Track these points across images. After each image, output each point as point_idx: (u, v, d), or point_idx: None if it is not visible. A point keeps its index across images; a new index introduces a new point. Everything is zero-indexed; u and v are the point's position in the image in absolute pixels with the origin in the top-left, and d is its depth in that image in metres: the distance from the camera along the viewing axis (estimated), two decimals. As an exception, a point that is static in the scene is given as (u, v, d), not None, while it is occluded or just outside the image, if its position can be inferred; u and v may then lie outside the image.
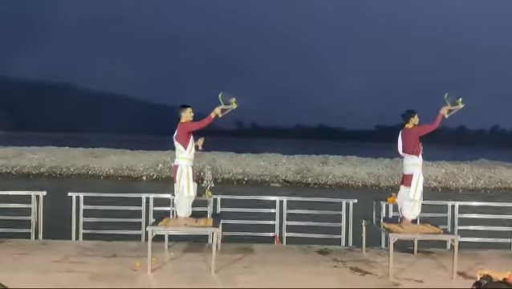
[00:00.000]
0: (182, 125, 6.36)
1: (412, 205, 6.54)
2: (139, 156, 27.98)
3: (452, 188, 25.67)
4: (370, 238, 7.43)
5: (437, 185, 25.74)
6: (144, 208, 8.06)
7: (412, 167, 6.55)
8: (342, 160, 28.90)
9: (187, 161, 6.37)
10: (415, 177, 6.49)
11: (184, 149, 6.35)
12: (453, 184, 25.98)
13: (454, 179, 26.37)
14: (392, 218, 7.57)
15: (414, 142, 6.51)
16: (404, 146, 6.58)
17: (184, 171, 6.31)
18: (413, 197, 6.47)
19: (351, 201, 8.32)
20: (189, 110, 6.42)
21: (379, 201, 7.34)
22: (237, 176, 26.02)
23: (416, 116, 6.60)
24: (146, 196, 8.11)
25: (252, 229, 8.74)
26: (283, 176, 26.05)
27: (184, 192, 6.30)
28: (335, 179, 25.90)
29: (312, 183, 25.59)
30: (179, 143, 6.36)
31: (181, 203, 6.41)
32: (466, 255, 7.14)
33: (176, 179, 6.35)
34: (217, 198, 8.10)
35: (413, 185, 6.47)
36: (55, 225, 8.41)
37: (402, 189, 6.68)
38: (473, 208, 8.94)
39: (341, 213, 8.29)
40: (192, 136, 6.42)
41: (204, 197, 7.01)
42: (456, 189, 25.48)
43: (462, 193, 24.84)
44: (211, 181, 7.11)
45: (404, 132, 6.63)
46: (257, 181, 25.61)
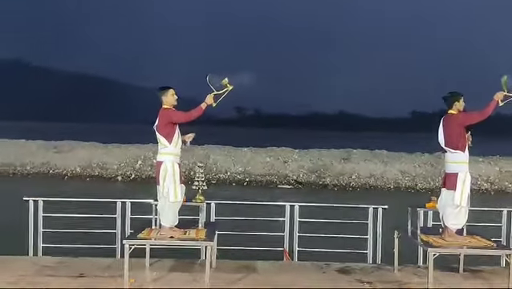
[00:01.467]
0: (164, 112, 6.36)
1: (457, 212, 6.54)
2: (113, 151, 28.04)
3: (508, 190, 25.61)
4: (404, 253, 7.43)
5: (489, 186, 25.67)
6: (120, 216, 8.08)
7: (457, 164, 6.53)
8: (368, 155, 28.85)
9: (172, 157, 6.38)
10: (460, 176, 6.48)
11: (168, 143, 6.35)
12: (509, 185, 25.93)
13: (511, 179, 26.30)
14: (431, 229, 7.54)
15: (459, 133, 6.49)
16: (447, 138, 6.56)
17: (169, 170, 6.32)
18: (459, 202, 6.46)
19: (380, 207, 8.32)
20: (171, 92, 6.43)
21: (416, 207, 7.33)
22: (237, 175, 26.04)
23: (461, 99, 6.57)
24: (122, 201, 8.14)
25: (255, 242, 8.75)
26: (294, 175, 26.06)
27: (170, 196, 6.32)
28: (360, 179, 25.88)
29: (331, 184, 25.58)
30: (161, 135, 6.36)
31: (166, 210, 6.42)
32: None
33: (160, 180, 6.36)
34: (211, 204, 8.11)
35: (459, 188, 6.45)
36: (8, 237, 8.45)
37: (444, 192, 6.66)
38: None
39: (367, 223, 8.30)
40: (178, 126, 6.43)
41: (195, 203, 7.02)
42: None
43: (521, 196, 24.77)
44: (203, 182, 7.11)
45: (446, 120, 6.61)
46: (261, 182, 25.62)
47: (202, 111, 6.26)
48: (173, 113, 6.34)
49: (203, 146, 28.13)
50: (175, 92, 6.44)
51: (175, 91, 6.44)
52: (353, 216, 8.96)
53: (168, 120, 6.32)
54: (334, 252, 8.59)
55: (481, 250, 6.39)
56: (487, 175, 26.27)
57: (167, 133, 6.33)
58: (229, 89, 6.29)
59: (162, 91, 6.43)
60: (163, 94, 6.41)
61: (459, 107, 6.56)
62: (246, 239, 9.18)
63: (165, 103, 6.40)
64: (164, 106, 6.41)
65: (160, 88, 6.47)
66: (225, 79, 6.29)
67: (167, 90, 6.43)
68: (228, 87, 6.29)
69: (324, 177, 26.03)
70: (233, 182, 25.48)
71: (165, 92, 6.41)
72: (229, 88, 6.29)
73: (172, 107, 6.42)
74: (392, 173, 26.39)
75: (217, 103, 6.31)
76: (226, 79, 6.28)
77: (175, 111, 6.37)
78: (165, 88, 6.45)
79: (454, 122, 6.49)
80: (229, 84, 6.29)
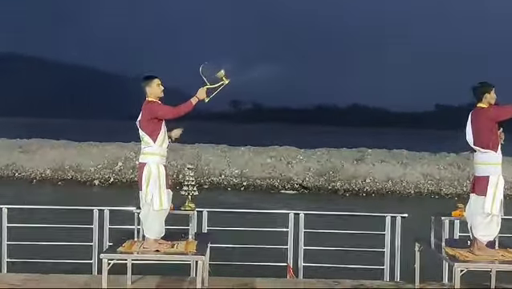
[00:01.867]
0: (149, 106, 6.36)
1: (488, 221, 6.55)
2: (89, 151, 28.04)
3: (547, 196, 25.63)
4: (427, 268, 7.45)
5: (526, 191, 25.68)
6: (97, 226, 8.08)
7: (488, 166, 6.54)
8: (385, 155, 28.89)
9: (158, 158, 6.38)
10: (492, 180, 6.49)
11: (152, 141, 6.35)
12: (548, 190, 25.94)
13: (550, 183, 26.32)
14: (458, 241, 7.55)
15: (490, 129, 6.50)
16: (476, 135, 6.57)
17: (153, 173, 6.32)
18: (490, 209, 6.47)
19: (398, 215, 8.33)
20: (156, 82, 6.43)
21: (440, 215, 7.35)
22: (233, 179, 26.06)
23: (492, 91, 6.58)
24: (99, 209, 8.13)
25: (254, 256, 8.75)
26: (300, 179, 26.09)
27: (155, 203, 6.32)
28: (376, 183, 25.91)
29: (342, 189, 25.60)
30: (145, 132, 6.36)
31: (150, 219, 6.43)
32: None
33: (143, 184, 6.36)
34: (203, 212, 8.12)
35: (490, 193, 6.46)
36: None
37: (473, 198, 6.68)
38: None
39: (384, 234, 8.31)
40: (164, 122, 6.44)
41: (184, 211, 7.04)
42: (553, 198, 25.44)
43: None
44: (194, 186, 7.12)
45: (475, 115, 6.62)
46: (261, 186, 25.65)
47: (192, 106, 6.27)
48: (159, 107, 6.34)
49: (193, 145, 28.14)
50: (161, 82, 6.44)
51: (161, 80, 6.44)
52: (367, 226, 8.97)
53: (152, 114, 6.31)
54: (345, 268, 8.60)
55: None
56: (523, 178, 26.28)
57: (151, 130, 6.33)
58: (225, 83, 6.30)
59: (146, 80, 6.42)
60: (147, 84, 6.40)
61: (490, 99, 6.57)
62: (244, 253, 9.20)
63: (150, 94, 6.40)
64: (148, 98, 6.41)
65: (144, 78, 6.46)
66: (221, 71, 6.29)
67: (151, 79, 6.42)
68: (224, 81, 6.30)
69: (334, 180, 26.05)
70: (228, 187, 25.49)
71: (149, 82, 6.40)
72: (225, 82, 6.30)
73: (157, 99, 6.42)
74: (413, 176, 26.41)
75: (210, 99, 6.32)
76: (222, 72, 6.28)
77: (161, 106, 6.37)
78: (149, 78, 6.44)
79: (484, 117, 6.50)
80: (225, 77, 6.29)
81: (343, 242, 9.18)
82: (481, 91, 6.58)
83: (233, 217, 9.96)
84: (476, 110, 6.63)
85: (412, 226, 8.42)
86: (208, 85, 6.28)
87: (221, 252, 8.16)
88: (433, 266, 7.78)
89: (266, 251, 8.91)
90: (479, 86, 6.63)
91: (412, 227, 8.34)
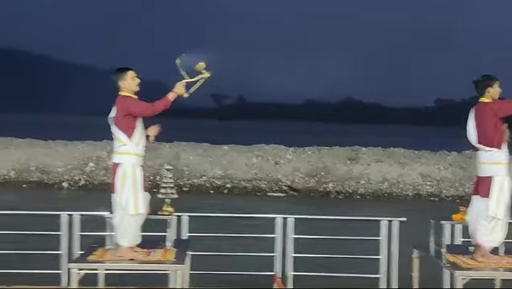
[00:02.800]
0: (123, 101, 6.35)
1: (493, 225, 6.61)
2: (57, 150, 27.89)
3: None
4: (426, 276, 7.50)
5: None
6: (66, 233, 8.04)
7: (493, 166, 6.59)
8: (381, 154, 29.02)
9: (133, 158, 6.37)
10: (497, 181, 6.55)
11: (127, 139, 6.34)
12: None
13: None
14: (460, 247, 7.61)
15: (494, 125, 6.56)
16: (479, 132, 6.62)
17: (128, 174, 6.31)
18: (494, 213, 6.53)
19: (395, 219, 8.39)
20: (131, 74, 6.42)
21: (440, 219, 7.41)
22: (215, 181, 26.04)
23: (496, 84, 6.65)
24: (68, 214, 8.11)
25: (238, 265, 8.76)
26: (288, 180, 26.13)
27: (130, 207, 6.31)
28: (371, 185, 26.02)
29: (334, 191, 25.69)
30: (119, 129, 6.35)
31: (125, 225, 6.42)
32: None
33: (117, 187, 6.35)
34: (183, 217, 8.12)
35: (494, 195, 6.52)
36: None
37: (476, 200, 6.74)
38: None
39: (380, 239, 8.36)
40: (140, 119, 6.42)
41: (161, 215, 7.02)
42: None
43: None
44: (172, 189, 7.12)
45: (477, 111, 6.67)
46: (246, 188, 25.66)
47: (170, 102, 6.28)
48: (133, 103, 6.33)
49: (172, 144, 28.09)
50: (136, 75, 6.42)
51: (136, 73, 6.43)
52: (362, 231, 9.00)
53: (127, 110, 6.30)
54: (338, 276, 8.63)
55: (522, 273, 6.46)
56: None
57: (126, 127, 6.31)
58: (205, 76, 6.31)
59: (119, 73, 6.41)
60: (120, 77, 6.39)
61: (493, 94, 6.63)
62: (227, 261, 9.20)
63: (124, 88, 6.39)
64: (122, 92, 6.39)
65: (117, 70, 6.45)
66: (200, 63, 6.29)
67: (125, 72, 6.41)
68: (204, 74, 6.30)
69: (325, 182, 26.13)
70: (210, 189, 25.48)
71: (123, 75, 6.39)
72: (205, 75, 6.31)
73: (132, 93, 6.41)
74: (411, 177, 26.57)
75: (190, 93, 6.31)
76: (203, 64, 6.28)
77: (136, 101, 6.36)
78: (123, 70, 6.44)
79: (488, 112, 6.55)
80: (205, 70, 6.29)
81: (335, 249, 9.21)
82: (484, 85, 6.64)
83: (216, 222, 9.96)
84: (478, 105, 6.68)
85: (410, 231, 8.46)
86: (187, 79, 6.28)
87: (202, 260, 8.16)
88: (433, 273, 7.82)
89: (251, 259, 8.92)
90: (481, 79, 6.68)
91: (410, 232, 8.39)
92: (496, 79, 6.68)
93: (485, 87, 6.64)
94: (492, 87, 6.63)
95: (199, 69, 6.32)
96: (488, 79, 6.68)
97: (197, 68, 6.32)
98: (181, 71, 6.30)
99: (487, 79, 6.68)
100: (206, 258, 8.41)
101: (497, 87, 6.65)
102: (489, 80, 6.66)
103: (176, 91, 6.28)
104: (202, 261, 8.16)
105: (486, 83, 6.65)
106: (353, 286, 8.10)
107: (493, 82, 6.65)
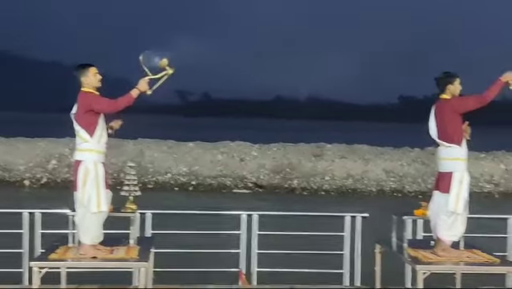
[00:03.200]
0: (84, 97, 6.30)
1: (453, 220, 6.69)
2: (18, 147, 27.50)
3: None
4: (388, 271, 7.57)
5: (493, 188, 26.44)
6: (28, 231, 7.95)
7: (452, 162, 6.68)
8: (346, 151, 29.25)
9: (95, 156, 6.32)
10: (456, 176, 6.63)
11: (89, 136, 6.29)
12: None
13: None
14: (421, 241, 7.70)
15: (454, 122, 6.65)
16: (440, 128, 6.71)
17: (90, 171, 6.26)
18: (454, 208, 6.61)
19: (358, 215, 8.45)
20: (93, 70, 6.37)
21: (402, 214, 7.48)
22: (180, 178, 25.96)
23: (456, 81, 6.74)
24: (29, 212, 8.01)
25: (203, 262, 8.74)
26: (254, 177, 26.18)
27: (92, 205, 6.26)
28: (335, 181, 26.21)
29: (299, 188, 25.81)
30: (81, 126, 6.30)
31: (87, 223, 6.37)
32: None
33: (79, 184, 6.30)
34: (147, 214, 8.08)
35: (454, 190, 6.60)
36: None
37: (437, 195, 6.81)
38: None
39: (343, 235, 8.42)
40: (102, 115, 6.38)
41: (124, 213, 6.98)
42: (522, 195, 26.23)
43: (531, 200, 25.59)
44: (136, 186, 7.07)
45: (438, 107, 6.76)
46: (211, 185, 25.64)
47: (133, 99, 6.25)
48: (95, 99, 6.28)
49: (136, 140, 27.90)
50: (97, 71, 6.37)
51: (97, 69, 6.38)
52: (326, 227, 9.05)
53: (88, 107, 6.25)
54: (302, 272, 8.67)
55: (482, 268, 6.56)
56: (490, 174, 27.04)
57: (87, 124, 6.26)
58: (169, 73, 6.29)
59: (80, 69, 6.36)
60: (82, 73, 6.34)
61: (453, 91, 6.72)
62: (192, 258, 9.18)
63: (85, 84, 6.34)
64: (83, 88, 6.34)
65: (78, 66, 6.39)
66: (163, 59, 6.27)
67: (87, 68, 6.36)
68: (167, 71, 6.28)
69: (291, 178, 26.24)
70: (175, 186, 25.39)
71: (85, 71, 6.34)
72: (169, 72, 6.29)
73: (94, 89, 6.36)
74: (375, 173, 26.84)
75: (154, 90, 6.29)
76: (166, 60, 6.27)
77: (98, 97, 6.31)
78: (84, 66, 6.38)
79: (447, 109, 6.64)
80: (169, 67, 6.28)
81: (299, 245, 9.25)
82: (444, 82, 6.72)
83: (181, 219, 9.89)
84: (439, 102, 6.76)
85: (373, 227, 8.54)
86: (150, 75, 6.25)
87: (166, 258, 8.12)
88: (395, 268, 7.91)
89: (216, 256, 8.92)
90: (442, 76, 6.77)
91: (374, 227, 8.47)
92: (456, 76, 6.77)
93: (446, 84, 6.72)
94: (452, 84, 6.71)
95: (162, 65, 6.30)
96: (448, 76, 6.76)
97: (160, 65, 6.30)
98: (144, 67, 6.27)
99: (448, 76, 6.76)
100: (170, 255, 8.38)
101: (458, 84, 6.74)
102: (450, 77, 6.75)
103: (138, 88, 6.25)
104: (166, 258, 8.13)
105: (447, 80, 6.73)
106: (317, 281, 8.15)
107: (453, 79, 6.74)
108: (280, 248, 8.84)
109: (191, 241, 9.58)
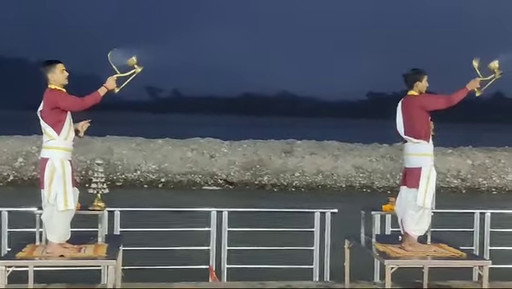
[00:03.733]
0: (51, 94, 6.22)
1: (420, 215, 6.76)
2: (-16, 146, 27.11)
3: (482, 188, 26.83)
4: (357, 266, 7.61)
5: (460, 183, 26.80)
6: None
7: (420, 157, 6.74)
8: (315, 147, 29.39)
9: (62, 153, 6.25)
10: (424, 172, 6.69)
11: (55, 134, 6.22)
12: (483, 182, 27.16)
13: (486, 174, 27.55)
14: (389, 236, 7.78)
15: (421, 118, 6.71)
16: (407, 124, 6.76)
17: (57, 169, 6.19)
18: (421, 202, 6.68)
19: (328, 211, 8.49)
20: (60, 67, 6.30)
21: (371, 210, 7.55)
22: (149, 175, 25.84)
23: (424, 79, 6.81)
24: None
25: (173, 259, 8.72)
26: (224, 174, 26.16)
27: (59, 203, 6.19)
28: (305, 177, 26.32)
29: (270, 184, 25.86)
30: (47, 123, 6.23)
31: (54, 221, 6.30)
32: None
33: (45, 182, 6.23)
34: (115, 212, 8.03)
35: (422, 185, 6.67)
36: None
37: (404, 190, 6.87)
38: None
39: (313, 231, 8.46)
40: (69, 113, 6.31)
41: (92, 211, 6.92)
42: (488, 190, 26.65)
43: (498, 195, 26.02)
44: (104, 184, 7.03)
45: (405, 103, 6.82)
46: (181, 182, 25.55)
47: (101, 97, 6.22)
48: (62, 97, 6.21)
49: (104, 137, 27.70)
50: (65, 68, 6.31)
51: (65, 66, 6.31)
52: (296, 223, 9.10)
53: (54, 104, 6.19)
54: (272, 268, 8.70)
55: (449, 262, 6.64)
56: (457, 169, 27.40)
57: (54, 121, 6.20)
58: (137, 71, 6.28)
59: (47, 66, 6.29)
60: (48, 70, 6.27)
61: (421, 88, 6.79)
62: (162, 256, 9.14)
63: (52, 81, 6.27)
64: (50, 86, 6.27)
65: (45, 62, 6.32)
66: (132, 57, 6.25)
67: (54, 64, 6.29)
68: (136, 69, 6.27)
69: (261, 175, 26.28)
70: (144, 183, 25.26)
71: (52, 68, 6.27)
72: (137, 70, 6.28)
73: (61, 87, 6.30)
74: (344, 169, 27.01)
75: (121, 88, 6.26)
76: (134, 58, 6.25)
77: (65, 95, 6.25)
78: (51, 62, 6.31)
79: (415, 105, 6.70)
80: (137, 65, 6.26)
81: (270, 241, 9.27)
82: (413, 79, 6.79)
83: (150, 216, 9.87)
84: (406, 98, 6.82)
85: (342, 222, 8.59)
86: (118, 73, 6.22)
87: (135, 255, 8.09)
88: (364, 263, 7.97)
89: (186, 253, 8.90)
90: (411, 73, 6.83)
91: (343, 223, 8.51)
92: (425, 73, 6.84)
93: (414, 81, 6.78)
94: (420, 82, 6.78)
95: (131, 64, 6.27)
96: (417, 73, 6.82)
97: (128, 63, 6.27)
98: (113, 65, 6.23)
99: (416, 73, 6.82)
100: (139, 252, 8.34)
101: (425, 82, 6.80)
102: (418, 74, 6.81)
103: (106, 86, 6.20)
104: (135, 256, 8.10)
105: (415, 77, 6.79)
106: (287, 277, 8.17)
107: (421, 76, 6.80)
108: (250, 244, 8.86)
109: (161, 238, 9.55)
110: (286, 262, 8.80)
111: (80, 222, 6.77)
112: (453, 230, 8.79)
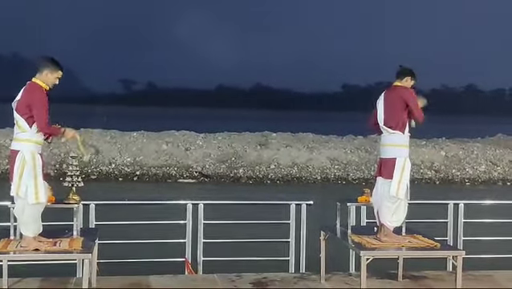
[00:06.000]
0: (34, 92, 6.14)
1: (396, 206, 6.80)
2: (-45, 139, 26.70)
3: (455, 179, 27.17)
4: (333, 258, 7.68)
5: (434, 175, 27.11)
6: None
7: (395, 148, 6.78)
8: (290, 139, 29.47)
9: (33, 146, 6.18)
10: (399, 163, 6.73)
11: (28, 126, 6.15)
12: (456, 173, 27.51)
13: (459, 166, 27.90)
14: (365, 228, 7.85)
15: (401, 109, 6.75)
16: (386, 114, 6.80)
17: (28, 162, 6.11)
18: (396, 194, 6.73)
19: (303, 203, 8.53)
20: (59, 74, 6.25)
21: (346, 201, 7.58)
22: (124, 168, 25.71)
23: (414, 80, 6.89)
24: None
25: (148, 252, 8.70)
26: (199, 166, 26.13)
27: (29, 196, 6.12)
28: (281, 169, 26.40)
29: (245, 177, 25.90)
30: (20, 115, 6.15)
31: (26, 214, 6.23)
32: (476, 279, 7.60)
33: (15, 175, 6.15)
34: (90, 205, 7.98)
35: (396, 177, 6.70)
36: None
37: (380, 181, 6.91)
38: (485, 209, 9.50)
39: (289, 223, 8.49)
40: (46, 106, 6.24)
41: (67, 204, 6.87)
42: (461, 181, 27.01)
43: (470, 186, 26.37)
44: (78, 177, 6.97)
45: (389, 92, 6.86)
46: (156, 175, 25.48)
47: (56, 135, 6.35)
48: (39, 106, 6.11)
49: (79, 130, 27.41)
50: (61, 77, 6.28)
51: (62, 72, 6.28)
52: (272, 215, 9.13)
53: (30, 104, 6.11)
54: (248, 260, 8.71)
55: (423, 252, 6.71)
56: (431, 161, 27.70)
57: (28, 115, 6.12)
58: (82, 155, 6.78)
59: (51, 65, 6.21)
60: (49, 68, 6.19)
61: (408, 84, 6.85)
62: (137, 249, 9.12)
63: (41, 78, 6.18)
64: (36, 80, 6.18)
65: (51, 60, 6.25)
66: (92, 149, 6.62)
67: (56, 68, 6.22)
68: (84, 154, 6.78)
69: (236, 167, 26.30)
70: (119, 176, 25.15)
71: (53, 69, 6.20)
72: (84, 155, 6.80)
73: (45, 87, 6.21)
74: (319, 161, 27.14)
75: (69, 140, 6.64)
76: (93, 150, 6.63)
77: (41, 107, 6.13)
78: (57, 65, 6.24)
79: (399, 95, 6.74)
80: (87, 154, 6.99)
81: (245, 234, 9.30)
82: (407, 73, 6.85)
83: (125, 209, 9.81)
84: (391, 88, 6.86)
85: (318, 214, 8.64)
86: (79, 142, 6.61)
87: (111, 249, 8.05)
88: (340, 255, 8.03)
89: (161, 246, 8.88)
90: (409, 69, 6.91)
91: (319, 215, 8.57)
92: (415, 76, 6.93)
93: (408, 75, 6.84)
94: (412, 80, 6.85)
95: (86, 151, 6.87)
96: (413, 73, 6.91)
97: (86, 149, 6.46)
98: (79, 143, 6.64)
99: (413, 72, 6.91)
100: (115, 246, 8.30)
101: (413, 83, 6.89)
102: (413, 74, 6.90)
103: (65, 133, 6.34)
104: (111, 249, 8.06)
105: (411, 74, 6.87)
106: (263, 269, 8.18)
107: (414, 77, 6.89)
108: (226, 237, 8.86)
109: (136, 231, 9.52)
110: (262, 254, 8.83)
111: (55, 216, 6.71)
112: (428, 221, 8.88)
